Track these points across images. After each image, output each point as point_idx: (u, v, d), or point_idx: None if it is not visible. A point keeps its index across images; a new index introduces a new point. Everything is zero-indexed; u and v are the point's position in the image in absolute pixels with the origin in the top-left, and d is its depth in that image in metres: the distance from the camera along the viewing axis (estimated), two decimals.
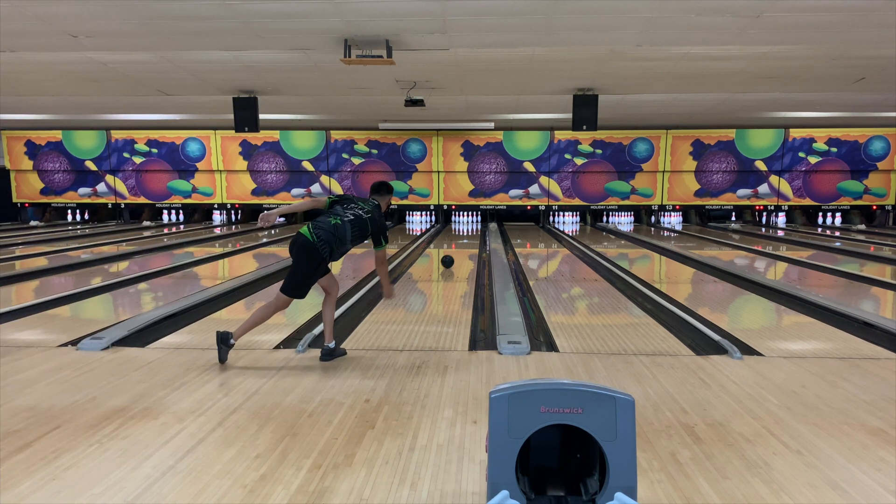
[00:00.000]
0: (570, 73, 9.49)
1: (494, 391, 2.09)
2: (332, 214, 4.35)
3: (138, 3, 6.23)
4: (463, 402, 3.59)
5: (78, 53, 8.20)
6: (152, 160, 17.05)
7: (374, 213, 4.44)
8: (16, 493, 2.53)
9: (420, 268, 9.31)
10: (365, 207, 4.43)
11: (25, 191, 17.42)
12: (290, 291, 4.33)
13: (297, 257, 4.31)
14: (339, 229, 4.27)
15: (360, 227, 4.35)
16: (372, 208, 4.47)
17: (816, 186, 16.46)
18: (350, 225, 4.31)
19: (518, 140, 16.51)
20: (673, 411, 3.43)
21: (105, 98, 11.81)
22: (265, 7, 6.31)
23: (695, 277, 8.36)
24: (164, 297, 6.81)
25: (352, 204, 4.43)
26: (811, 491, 2.56)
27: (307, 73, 9.43)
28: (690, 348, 4.71)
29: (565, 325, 5.47)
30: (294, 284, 4.32)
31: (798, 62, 8.69)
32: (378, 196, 4.66)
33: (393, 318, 5.81)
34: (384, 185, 4.72)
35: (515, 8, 6.35)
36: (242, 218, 17.84)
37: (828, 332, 5.24)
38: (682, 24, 6.84)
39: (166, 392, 3.72)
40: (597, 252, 10.84)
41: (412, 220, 17.49)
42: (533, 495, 2.12)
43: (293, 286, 4.32)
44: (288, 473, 2.70)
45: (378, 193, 4.68)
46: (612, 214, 17.40)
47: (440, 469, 2.75)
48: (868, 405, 3.53)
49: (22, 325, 5.47)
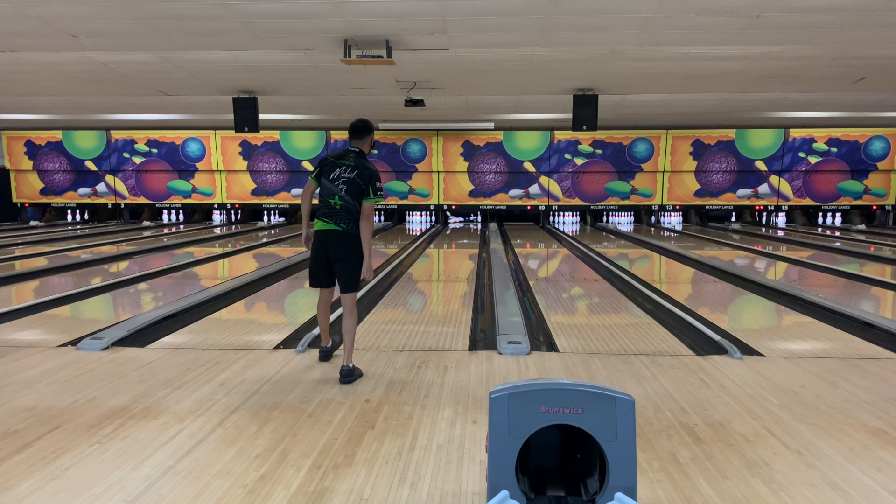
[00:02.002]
0: (570, 73, 9.49)
1: (494, 391, 2.09)
2: (329, 194, 4.02)
3: (138, 3, 6.23)
4: (463, 402, 3.59)
5: (78, 53, 8.20)
6: (152, 160, 17.05)
7: (358, 166, 4.02)
8: (16, 493, 2.53)
9: (420, 268, 9.31)
10: (348, 165, 4.03)
11: (25, 191, 17.42)
12: (356, 286, 4.11)
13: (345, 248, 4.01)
14: (348, 205, 3.98)
15: (354, 188, 3.99)
16: (354, 160, 4.05)
17: (816, 186, 16.46)
18: (349, 196, 3.98)
19: (518, 140, 16.51)
20: (673, 411, 3.43)
21: (105, 98, 11.81)
22: (265, 7, 6.31)
23: (695, 277, 8.36)
24: (164, 297, 6.81)
25: (336, 169, 4.03)
26: (811, 491, 2.56)
27: (307, 73, 9.43)
28: (690, 348, 4.71)
29: (565, 325, 5.47)
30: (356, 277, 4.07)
31: (798, 62, 8.69)
32: (357, 141, 4.16)
33: (393, 318, 5.81)
34: (363, 126, 4.18)
35: (515, 8, 6.35)
36: (242, 218, 17.84)
37: (828, 332, 5.24)
38: (683, 24, 6.84)
39: (166, 392, 3.72)
40: (597, 252, 10.84)
41: (412, 220, 17.49)
42: (533, 495, 2.12)
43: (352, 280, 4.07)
44: (288, 473, 2.70)
45: (357, 137, 4.17)
46: (612, 214, 17.40)
47: (440, 469, 2.75)
48: (868, 405, 3.53)
49: (22, 325, 5.47)
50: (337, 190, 4.00)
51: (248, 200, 17.27)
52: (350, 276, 4.07)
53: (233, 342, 4.84)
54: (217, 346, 4.74)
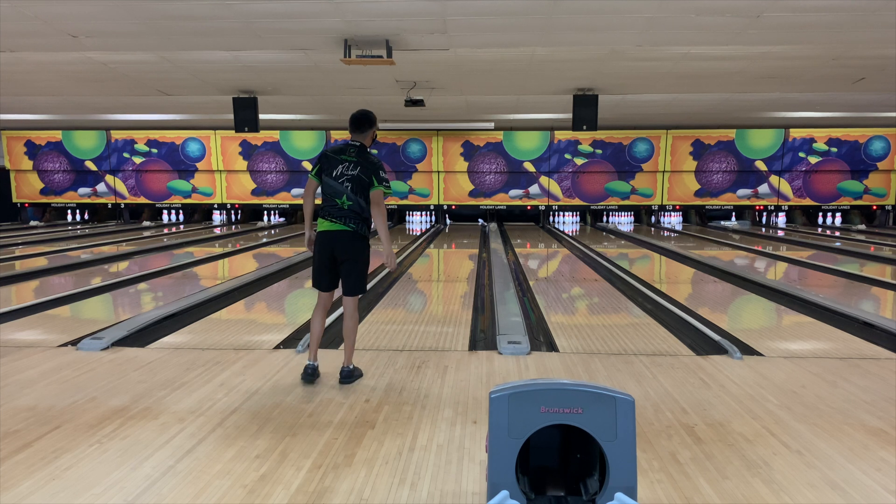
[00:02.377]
0: (570, 73, 9.49)
1: (494, 391, 2.09)
2: (335, 194, 3.86)
3: (138, 3, 6.22)
4: (463, 402, 3.59)
5: (78, 53, 8.20)
6: (152, 160, 17.05)
7: (360, 161, 3.87)
8: (16, 493, 2.53)
9: (420, 268, 9.31)
10: (350, 161, 3.86)
11: (25, 191, 17.42)
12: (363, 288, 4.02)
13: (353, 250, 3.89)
14: (356, 205, 3.85)
15: (360, 186, 3.85)
16: (356, 155, 3.88)
17: (816, 186, 16.46)
18: (356, 195, 3.84)
19: (518, 140, 16.51)
20: (673, 411, 3.43)
21: (105, 98, 11.81)
22: (265, 7, 6.31)
23: (695, 277, 8.36)
24: (164, 297, 6.81)
25: (338, 166, 3.85)
26: (811, 491, 2.56)
27: (307, 73, 9.43)
28: (690, 348, 4.71)
29: (565, 325, 5.47)
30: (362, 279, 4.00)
31: (798, 62, 8.69)
32: (358, 134, 3.96)
33: (393, 318, 5.81)
34: (364, 117, 3.98)
35: (515, 8, 6.35)
36: (242, 218, 17.84)
37: (828, 332, 5.24)
38: (683, 24, 6.84)
39: (166, 392, 3.72)
40: (597, 252, 10.84)
41: (412, 220, 17.49)
42: (533, 495, 2.12)
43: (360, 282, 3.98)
44: (288, 473, 2.70)
45: (359, 131, 3.97)
46: (612, 214, 17.39)
47: (440, 469, 2.75)
48: (868, 405, 3.52)
49: (22, 325, 5.47)
50: (343, 189, 3.83)
51: (248, 200, 17.27)
52: (356, 279, 3.95)
53: (233, 342, 4.84)
54: (217, 346, 4.74)
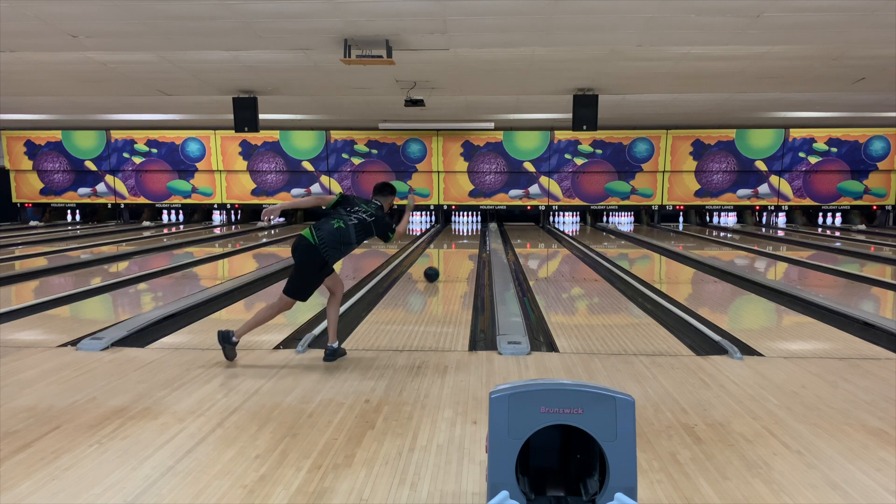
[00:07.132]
0: (570, 73, 9.49)
1: (494, 391, 2.09)
2: (336, 217, 4.38)
3: (138, 3, 6.23)
4: (463, 402, 3.59)
5: (78, 53, 8.20)
6: (152, 160, 17.05)
7: (377, 214, 4.51)
8: (16, 493, 2.53)
9: (420, 268, 9.29)
10: (368, 210, 4.48)
11: (25, 191, 17.42)
12: (293, 294, 4.35)
13: (300, 260, 4.33)
14: (343, 232, 4.32)
15: (365, 230, 4.43)
16: (375, 210, 4.53)
17: (816, 186, 16.46)
18: (354, 228, 4.36)
19: (518, 140, 16.51)
20: (673, 411, 3.43)
21: (105, 98, 11.81)
22: (265, 7, 6.31)
23: (695, 277, 8.36)
24: (164, 297, 6.81)
25: (355, 207, 4.48)
26: (811, 491, 2.56)
27: (307, 73, 9.43)
28: (690, 348, 4.71)
29: (565, 326, 5.47)
30: (297, 287, 4.35)
31: (798, 62, 8.69)
32: (381, 197, 4.71)
33: (393, 318, 5.81)
34: (387, 186, 4.76)
35: (515, 8, 6.35)
36: (242, 218, 17.84)
37: (828, 332, 5.24)
38: (683, 24, 6.84)
39: (166, 392, 3.72)
40: (597, 252, 10.83)
41: (412, 220, 17.47)
42: (533, 496, 2.12)
43: (296, 289, 4.35)
44: (288, 474, 2.70)
45: (381, 195, 4.72)
46: (612, 214, 17.40)
47: (440, 469, 2.75)
48: (868, 405, 3.52)
49: (22, 325, 5.47)
50: (348, 219, 4.37)
51: (247, 200, 17.27)
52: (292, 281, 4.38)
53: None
54: (217, 346, 4.72)
